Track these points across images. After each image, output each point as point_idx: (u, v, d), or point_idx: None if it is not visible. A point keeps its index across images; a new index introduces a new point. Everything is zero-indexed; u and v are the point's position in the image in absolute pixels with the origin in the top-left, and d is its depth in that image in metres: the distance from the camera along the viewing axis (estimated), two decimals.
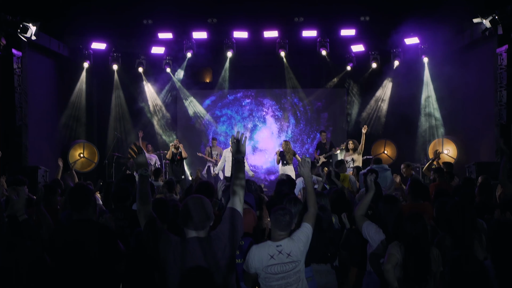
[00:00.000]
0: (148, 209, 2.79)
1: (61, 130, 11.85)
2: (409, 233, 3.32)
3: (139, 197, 2.81)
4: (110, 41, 12.10)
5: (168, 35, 11.81)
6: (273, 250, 3.25)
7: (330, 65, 12.81)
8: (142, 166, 2.88)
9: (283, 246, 3.25)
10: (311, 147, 13.48)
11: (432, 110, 12.13)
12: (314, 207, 3.49)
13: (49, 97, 11.47)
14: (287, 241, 3.28)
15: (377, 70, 12.50)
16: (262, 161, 13.52)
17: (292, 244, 3.28)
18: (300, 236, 3.33)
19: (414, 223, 3.34)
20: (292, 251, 3.26)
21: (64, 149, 11.74)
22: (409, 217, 3.40)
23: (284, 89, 13.49)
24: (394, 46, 11.93)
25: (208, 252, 2.64)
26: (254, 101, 13.70)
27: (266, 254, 3.24)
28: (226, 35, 11.95)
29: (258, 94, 13.70)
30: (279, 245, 3.26)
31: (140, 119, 13.21)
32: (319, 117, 13.57)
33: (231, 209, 2.82)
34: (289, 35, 12.02)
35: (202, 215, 2.68)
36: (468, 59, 10.51)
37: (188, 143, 13.17)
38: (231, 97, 13.69)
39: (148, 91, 13.23)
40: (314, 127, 13.61)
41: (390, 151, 12.60)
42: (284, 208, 3.38)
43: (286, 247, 3.26)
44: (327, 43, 11.89)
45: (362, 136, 10.05)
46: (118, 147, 12.49)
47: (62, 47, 11.58)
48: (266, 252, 3.25)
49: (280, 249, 3.24)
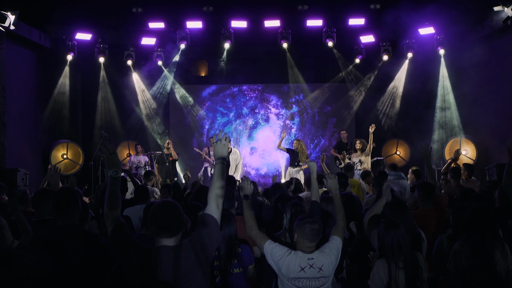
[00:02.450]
0: (116, 214, 2.83)
1: (43, 129, 11.83)
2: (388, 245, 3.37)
3: (107, 200, 2.84)
4: (96, 31, 12.08)
5: (160, 24, 11.80)
6: (304, 262, 3.24)
7: (337, 58, 12.80)
8: (114, 167, 2.92)
9: (315, 260, 3.24)
10: (314, 152, 13.47)
11: (449, 107, 12.11)
12: (343, 220, 3.61)
13: (29, 92, 11.44)
14: (318, 253, 3.28)
15: (389, 63, 12.48)
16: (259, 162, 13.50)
17: (324, 258, 3.27)
18: (332, 249, 3.33)
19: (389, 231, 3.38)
20: (324, 265, 3.26)
21: (45, 150, 11.73)
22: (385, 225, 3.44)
23: (287, 84, 13.48)
24: (407, 37, 11.91)
25: (178, 262, 2.62)
26: (254, 96, 13.68)
27: (297, 265, 3.23)
28: (223, 24, 11.93)
29: (259, 89, 13.68)
30: (311, 258, 3.25)
31: (129, 116, 13.20)
32: (327, 121, 13.56)
33: (208, 216, 2.79)
34: (292, 25, 12.01)
35: (171, 221, 2.67)
36: (488, 51, 10.48)
37: (181, 141, 13.18)
38: (228, 92, 13.68)
39: (138, 85, 13.22)
40: (319, 132, 13.60)
41: (403, 151, 12.60)
42: (312, 216, 3.38)
43: (318, 261, 3.25)
44: (334, 33, 11.88)
45: (370, 136, 10.04)
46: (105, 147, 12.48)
47: (44, 38, 11.56)
48: (297, 262, 3.24)
49: (312, 263, 3.23)
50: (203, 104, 13.69)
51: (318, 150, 13.39)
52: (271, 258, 3.32)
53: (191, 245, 2.68)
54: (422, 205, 4.93)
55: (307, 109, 13.58)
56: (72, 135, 12.71)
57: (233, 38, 12.03)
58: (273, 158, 13.37)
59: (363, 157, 9.83)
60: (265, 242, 3.38)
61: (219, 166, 2.94)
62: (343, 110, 13.52)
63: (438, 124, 12.29)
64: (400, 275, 3.35)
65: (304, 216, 3.38)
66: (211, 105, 13.71)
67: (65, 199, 3.39)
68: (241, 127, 13.58)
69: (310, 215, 3.41)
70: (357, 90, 13.37)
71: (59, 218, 3.38)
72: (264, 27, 11.80)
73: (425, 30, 11.63)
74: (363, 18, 11.61)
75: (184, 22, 11.81)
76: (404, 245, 3.36)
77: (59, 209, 3.37)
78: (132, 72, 13.04)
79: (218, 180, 2.87)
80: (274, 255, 3.30)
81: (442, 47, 11.74)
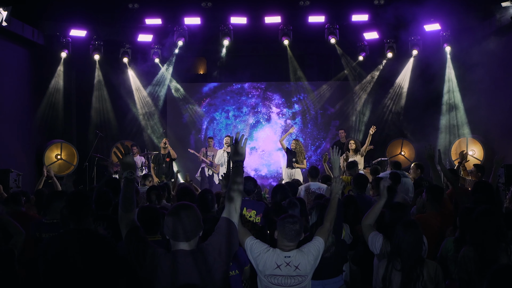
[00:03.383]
0: (131, 217, 2.80)
1: (36, 129, 11.83)
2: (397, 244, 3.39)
3: (122, 202, 2.81)
4: (91, 27, 12.08)
5: (157, 20, 11.79)
6: (280, 260, 3.32)
7: (340, 55, 12.80)
8: (129, 168, 2.88)
9: (291, 258, 3.32)
10: (314, 155, 13.48)
11: (455, 105, 12.12)
12: (331, 223, 3.64)
13: (22, 91, 11.44)
14: (296, 252, 3.35)
15: (393, 60, 12.48)
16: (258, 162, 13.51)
17: (302, 257, 3.35)
18: (311, 249, 3.40)
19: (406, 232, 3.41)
20: (301, 264, 3.32)
21: (39, 150, 11.73)
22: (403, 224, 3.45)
23: (288, 82, 13.48)
24: (412, 34, 11.92)
25: (200, 266, 2.64)
26: (254, 95, 13.69)
27: (273, 262, 3.32)
28: (222, 21, 11.93)
29: (259, 88, 13.69)
30: (288, 256, 3.33)
31: (125, 116, 13.20)
32: (329, 123, 13.55)
33: (226, 220, 2.82)
34: (293, 21, 12.01)
35: (191, 224, 2.68)
36: (495, 48, 10.48)
37: (179, 140, 13.18)
38: (227, 90, 13.68)
39: (134, 83, 13.22)
40: (321, 134, 13.61)
41: (407, 152, 12.60)
42: (293, 216, 3.44)
43: (295, 259, 3.33)
44: (337, 30, 11.88)
45: (368, 137, 10.05)
46: (100, 147, 12.48)
47: (37, 35, 11.56)
48: (273, 259, 3.33)
49: (288, 261, 3.31)
50: (201, 102, 13.69)
51: (319, 152, 13.39)
52: (250, 254, 3.41)
53: (209, 249, 2.70)
54: (430, 208, 4.91)
55: (310, 110, 13.58)
56: (66, 135, 12.72)
57: (232, 34, 12.02)
58: (273, 159, 13.38)
59: (358, 157, 9.85)
60: (247, 238, 3.45)
61: (238, 168, 2.96)
62: (346, 109, 13.52)
63: (444, 124, 12.28)
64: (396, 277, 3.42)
65: (286, 215, 3.45)
66: (209, 104, 13.71)
67: (80, 202, 3.42)
68: (240, 126, 13.59)
69: (292, 215, 3.47)
70: (360, 89, 13.37)
71: (72, 221, 3.41)
72: (264, 23, 11.80)
73: (431, 26, 11.62)
74: (367, 14, 11.61)
75: (182, 18, 11.81)
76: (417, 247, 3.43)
77: (73, 212, 3.40)
78: (128, 69, 13.05)
79: (238, 178, 2.91)
80: (254, 251, 3.38)
81: (448, 44, 11.73)
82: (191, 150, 12.22)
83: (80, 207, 3.40)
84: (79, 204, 3.41)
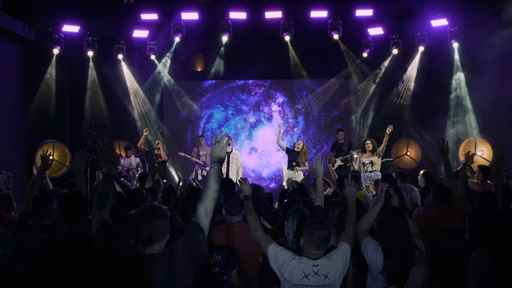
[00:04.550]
0: (103, 215, 2.81)
1: (27, 128, 11.82)
2: (445, 252, 3.24)
3: (97, 198, 2.82)
4: (85, 23, 12.06)
5: (153, 16, 11.78)
6: (308, 269, 3.27)
7: (343, 52, 12.78)
8: (108, 163, 2.89)
9: (320, 266, 3.28)
10: (323, 144, 13.48)
11: (463, 104, 12.10)
12: (354, 227, 3.68)
13: (12, 89, 11.43)
14: (324, 260, 3.31)
15: (399, 57, 12.47)
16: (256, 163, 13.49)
17: (331, 265, 3.30)
18: (340, 256, 3.37)
19: (454, 240, 3.27)
20: (331, 273, 3.29)
21: (30, 150, 11.71)
22: (448, 232, 3.33)
23: (290, 79, 13.47)
24: (419, 29, 11.90)
25: (161, 271, 2.62)
26: (254, 93, 13.67)
27: (300, 271, 3.27)
28: (221, 16, 11.92)
29: (259, 85, 13.67)
30: (316, 264, 3.28)
31: (119, 114, 13.18)
32: (332, 127, 13.52)
33: (194, 225, 2.76)
34: (295, 16, 11.99)
35: (155, 228, 2.66)
36: (505, 44, 10.47)
37: (176, 141, 13.17)
38: (226, 88, 13.67)
39: (129, 81, 13.21)
40: (323, 137, 13.59)
41: (413, 152, 12.58)
42: (322, 222, 3.39)
43: (324, 268, 3.28)
44: (340, 25, 11.86)
45: (385, 137, 9.99)
46: (94, 147, 12.45)
47: (28, 30, 11.54)
48: (300, 268, 3.28)
49: (317, 270, 3.27)
50: (199, 101, 13.67)
51: (320, 155, 13.34)
52: (274, 262, 3.36)
53: (173, 254, 2.67)
54: (437, 209, 4.87)
55: (313, 111, 13.54)
56: (59, 135, 12.70)
57: (231, 30, 12.01)
58: (274, 160, 13.36)
59: (375, 158, 9.79)
60: (270, 245, 3.43)
61: (215, 170, 2.88)
62: (349, 107, 13.51)
63: (452, 123, 12.27)
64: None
65: (313, 221, 3.40)
66: (207, 102, 13.69)
67: (74, 204, 3.39)
68: (239, 125, 13.56)
69: (319, 221, 3.42)
70: (364, 86, 13.35)
71: (66, 224, 3.38)
72: (264, 18, 11.79)
73: (438, 22, 11.60)
74: (371, 9, 11.60)
75: (179, 13, 11.80)
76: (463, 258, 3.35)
77: (67, 214, 3.37)
78: (123, 66, 13.03)
79: (214, 182, 2.84)
80: (278, 259, 3.34)
81: (456, 40, 11.71)
82: (182, 153, 12.19)
83: (74, 209, 3.37)
84: (73, 206, 3.37)
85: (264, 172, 13.46)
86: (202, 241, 2.73)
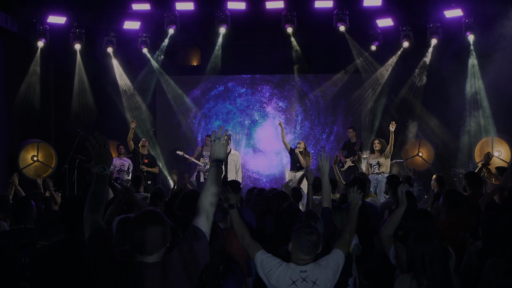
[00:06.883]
0: (96, 218, 2.79)
1: (9, 127, 11.83)
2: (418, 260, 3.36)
3: (89, 200, 2.80)
4: (71, 14, 12.06)
5: (145, 6, 11.79)
6: (296, 275, 3.33)
7: (350, 44, 12.78)
8: (101, 163, 2.89)
9: (308, 273, 3.34)
10: (328, 144, 13.46)
11: (479, 101, 12.10)
12: (350, 235, 3.75)
13: None
14: (312, 266, 3.37)
15: (410, 50, 12.46)
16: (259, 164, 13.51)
17: (319, 271, 3.36)
18: (330, 263, 3.42)
19: (422, 243, 3.38)
20: (319, 279, 3.34)
21: (12, 151, 11.71)
22: (416, 236, 3.44)
23: (292, 74, 13.47)
24: (431, 21, 11.89)
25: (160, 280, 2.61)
26: (254, 88, 13.68)
27: (288, 278, 3.33)
28: (218, 6, 11.91)
29: (259, 80, 13.68)
30: (304, 270, 3.34)
31: (109, 112, 13.17)
32: (335, 105, 13.52)
33: (193, 229, 2.76)
34: (298, 7, 11.99)
35: (154, 236, 2.63)
36: None
37: (169, 139, 13.19)
38: (223, 83, 13.68)
39: (120, 76, 13.22)
40: (328, 118, 13.58)
41: (426, 153, 12.56)
42: (310, 226, 3.45)
43: (312, 274, 3.34)
44: (346, 16, 11.86)
45: (391, 135, 10.00)
46: (81, 147, 12.46)
47: (11, 22, 11.55)
48: (288, 275, 3.34)
49: (305, 276, 3.32)
50: (194, 97, 13.67)
51: (333, 139, 13.34)
52: (261, 269, 3.44)
53: (173, 262, 2.66)
54: (445, 215, 4.93)
55: (318, 108, 13.55)
56: (44, 134, 12.71)
57: (229, 22, 12.00)
58: (276, 161, 13.37)
59: (382, 159, 9.78)
60: (257, 252, 3.50)
61: (214, 170, 2.88)
62: (357, 104, 13.51)
63: (467, 121, 12.26)
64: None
65: (301, 225, 3.45)
66: (203, 99, 13.69)
67: (73, 209, 3.37)
68: (237, 123, 13.57)
69: (308, 225, 3.47)
70: (373, 82, 13.35)
71: (65, 231, 3.40)
72: (265, 9, 11.78)
73: (452, 12, 11.59)
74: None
75: (173, 3, 11.79)
76: (437, 260, 3.38)
77: (65, 220, 3.39)
78: (113, 60, 13.03)
79: (212, 185, 2.84)
80: (264, 266, 3.42)
81: (471, 32, 11.70)
82: (180, 152, 12.16)
83: (73, 215, 3.35)
84: (71, 212, 3.36)
85: (265, 173, 13.47)
86: (202, 248, 2.73)
